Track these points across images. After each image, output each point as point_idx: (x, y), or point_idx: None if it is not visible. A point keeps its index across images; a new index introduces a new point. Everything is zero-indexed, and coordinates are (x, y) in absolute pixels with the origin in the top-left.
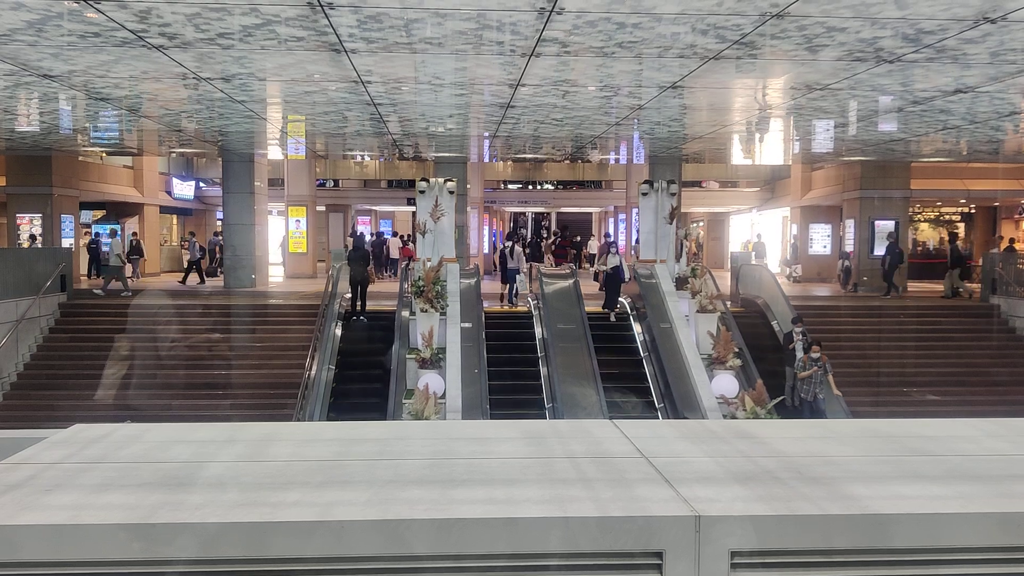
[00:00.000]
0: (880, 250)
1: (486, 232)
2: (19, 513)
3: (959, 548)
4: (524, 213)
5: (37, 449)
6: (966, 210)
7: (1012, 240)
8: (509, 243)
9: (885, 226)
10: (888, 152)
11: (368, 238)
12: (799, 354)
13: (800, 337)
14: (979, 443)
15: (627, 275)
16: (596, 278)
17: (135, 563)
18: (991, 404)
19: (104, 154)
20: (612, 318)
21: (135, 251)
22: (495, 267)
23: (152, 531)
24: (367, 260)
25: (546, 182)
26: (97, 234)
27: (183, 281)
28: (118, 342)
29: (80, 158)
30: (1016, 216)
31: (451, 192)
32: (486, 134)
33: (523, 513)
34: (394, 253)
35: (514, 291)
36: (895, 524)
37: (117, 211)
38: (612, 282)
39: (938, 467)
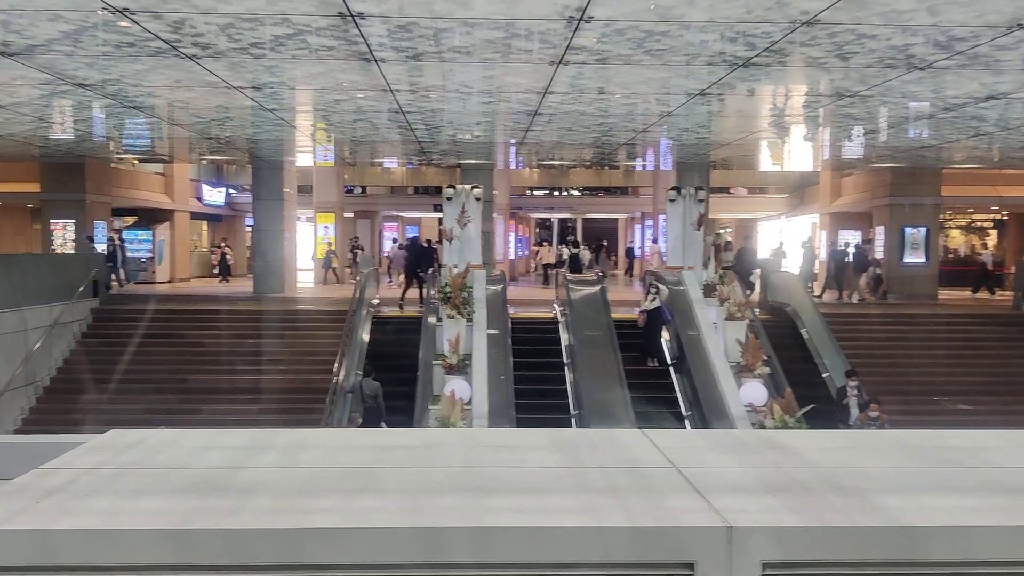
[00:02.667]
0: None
1: (512, 238)
2: (58, 518)
3: (994, 561)
4: (550, 219)
5: (75, 454)
6: (998, 217)
7: None
8: (576, 249)
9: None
10: (919, 159)
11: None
12: (854, 412)
13: (855, 392)
14: (1011, 455)
15: (670, 315)
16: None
17: (170, 568)
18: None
19: (136, 161)
20: (651, 363)
21: (109, 258)
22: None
23: (187, 536)
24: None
25: (572, 188)
26: (111, 240)
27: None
28: (150, 347)
29: (112, 165)
30: None
31: (477, 199)
32: (513, 141)
33: (557, 522)
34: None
35: None
36: (928, 537)
37: (148, 217)
38: (653, 325)
39: (970, 479)
